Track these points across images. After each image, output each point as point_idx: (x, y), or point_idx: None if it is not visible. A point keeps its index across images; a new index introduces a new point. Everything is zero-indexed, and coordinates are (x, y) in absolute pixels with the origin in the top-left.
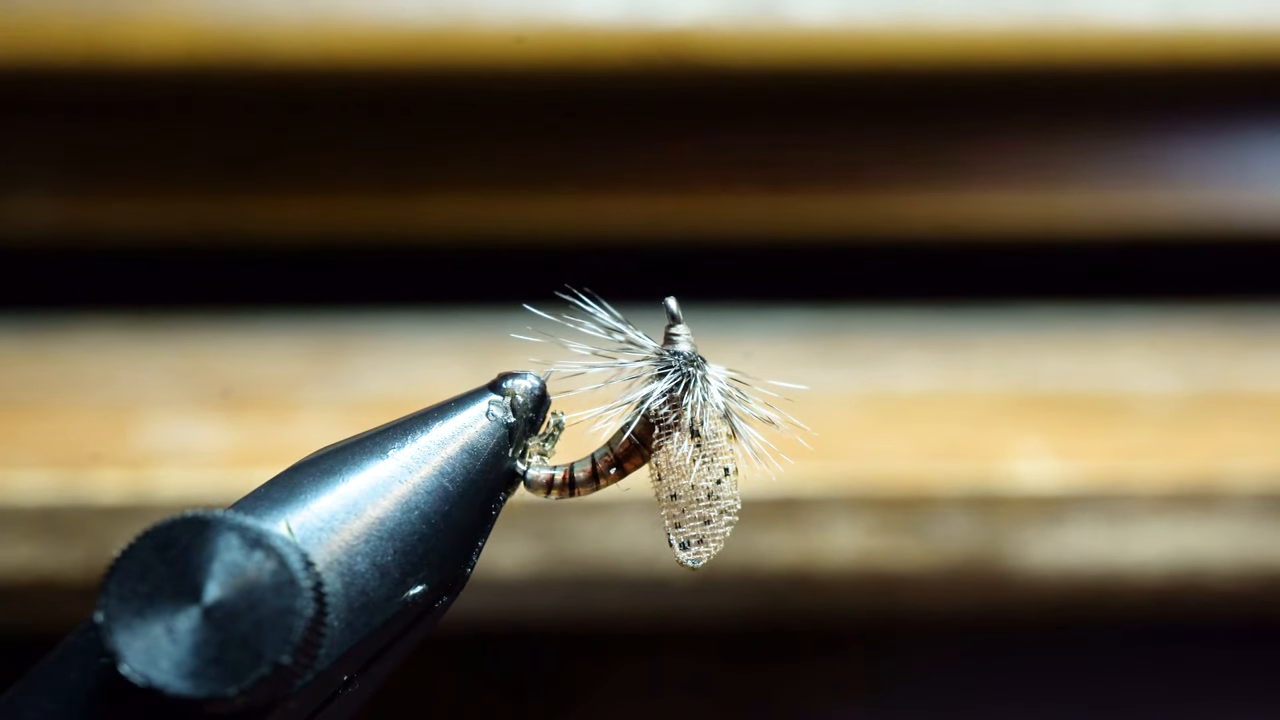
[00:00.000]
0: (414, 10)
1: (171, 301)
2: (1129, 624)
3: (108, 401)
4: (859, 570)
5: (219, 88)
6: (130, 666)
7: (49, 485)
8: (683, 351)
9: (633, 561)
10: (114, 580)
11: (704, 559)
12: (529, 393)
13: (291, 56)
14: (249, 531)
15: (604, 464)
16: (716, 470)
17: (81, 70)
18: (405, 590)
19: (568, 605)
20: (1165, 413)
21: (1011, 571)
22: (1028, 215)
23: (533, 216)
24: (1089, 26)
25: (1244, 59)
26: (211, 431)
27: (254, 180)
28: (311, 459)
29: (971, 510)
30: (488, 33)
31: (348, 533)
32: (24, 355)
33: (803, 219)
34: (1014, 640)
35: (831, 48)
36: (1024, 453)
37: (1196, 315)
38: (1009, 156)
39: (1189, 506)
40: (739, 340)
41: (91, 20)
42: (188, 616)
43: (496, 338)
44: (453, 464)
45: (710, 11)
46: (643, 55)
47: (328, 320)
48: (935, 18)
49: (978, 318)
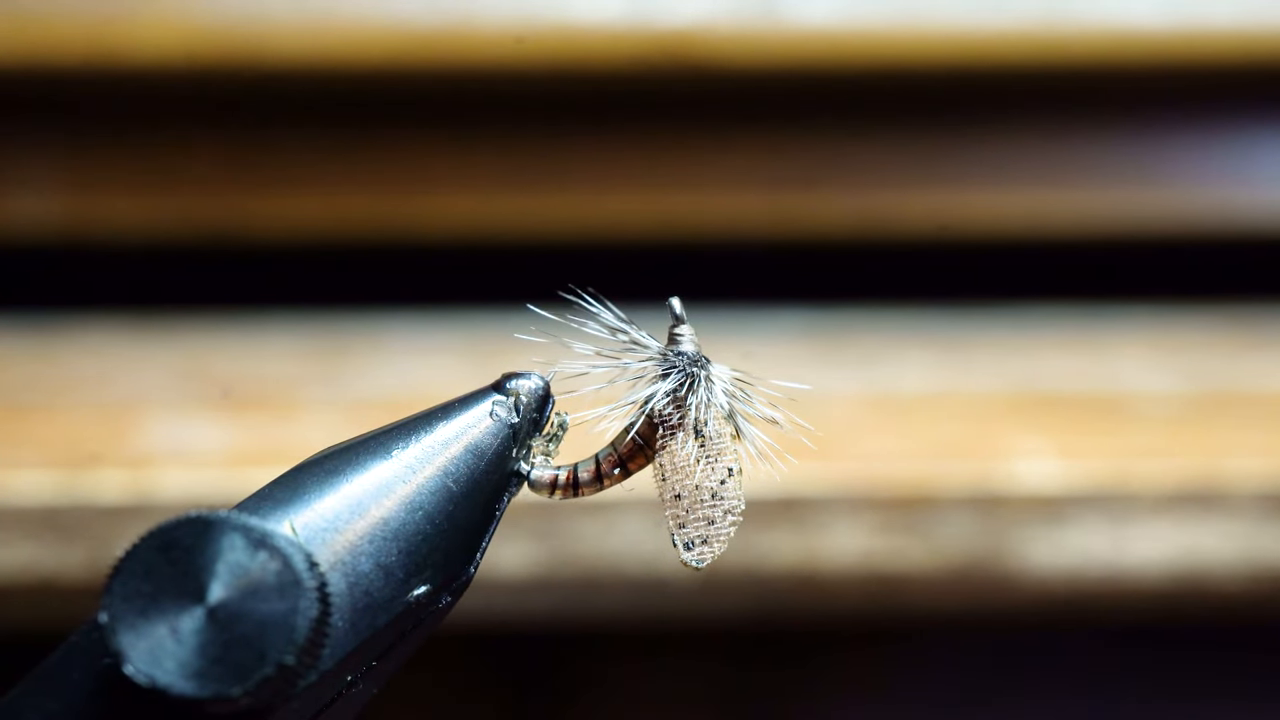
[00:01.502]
0: (414, 10)
1: (171, 301)
2: (1130, 624)
3: (108, 401)
4: (861, 570)
5: (219, 88)
6: (134, 667)
7: (49, 485)
8: (687, 351)
9: (635, 562)
10: (118, 580)
11: (708, 559)
12: (533, 393)
13: (291, 56)
14: (253, 532)
15: (608, 464)
16: (720, 470)
17: (81, 70)
18: (409, 590)
19: (569, 605)
20: (1166, 413)
21: (1013, 571)
22: (1028, 215)
23: (533, 216)
24: (1089, 26)
25: (1244, 59)
26: (212, 431)
27: (254, 180)
28: (315, 459)
29: (973, 510)
30: (488, 33)
31: (351, 533)
32: (24, 355)
33: (803, 219)
34: (1015, 640)
35: (831, 48)
36: (1025, 453)
37: (1196, 315)
38: (1009, 156)
39: (1190, 506)
40: (740, 340)
41: (91, 20)
42: (192, 617)
43: (499, 338)
44: (456, 464)
45: (710, 11)
46: (643, 55)
47: (328, 320)
48: (935, 18)
49: (978, 318)
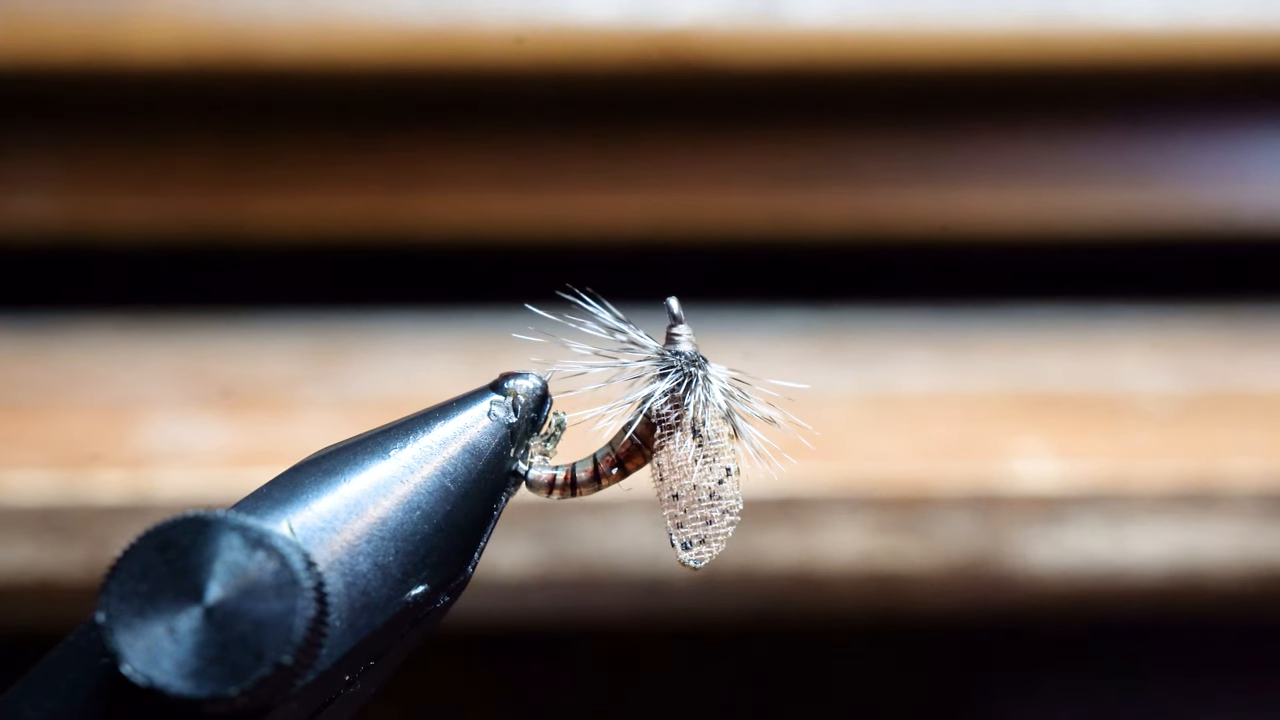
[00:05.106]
0: (414, 10)
1: (171, 301)
2: (1129, 624)
3: (108, 401)
4: (860, 570)
5: (218, 88)
6: (132, 666)
7: (49, 485)
8: (684, 351)
9: (634, 562)
10: (115, 580)
11: (706, 559)
12: (531, 393)
13: (291, 56)
14: (251, 531)
15: (606, 464)
16: (718, 470)
17: (81, 70)
18: (407, 590)
19: (568, 605)
20: (1165, 413)
21: (1012, 571)
22: (1028, 215)
23: (532, 216)
24: (1089, 26)
25: (1243, 59)
26: (211, 431)
27: (253, 180)
28: (313, 459)
29: (972, 510)
30: (488, 33)
31: (349, 533)
32: (24, 355)
33: (803, 219)
34: (1015, 640)
35: (831, 48)
36: (1024, 453)
37: (1196, 315)
38: (1009, 156)
39: (1189, 506)
40: (739, 340)
41: (91, 20)
42: (189, 616)
43: (497, 338)
44: (454, 464)
45: (710, 11)
46: (643, 55)
47: (328, 320)
48: (935, 18)
49: (978, 318)
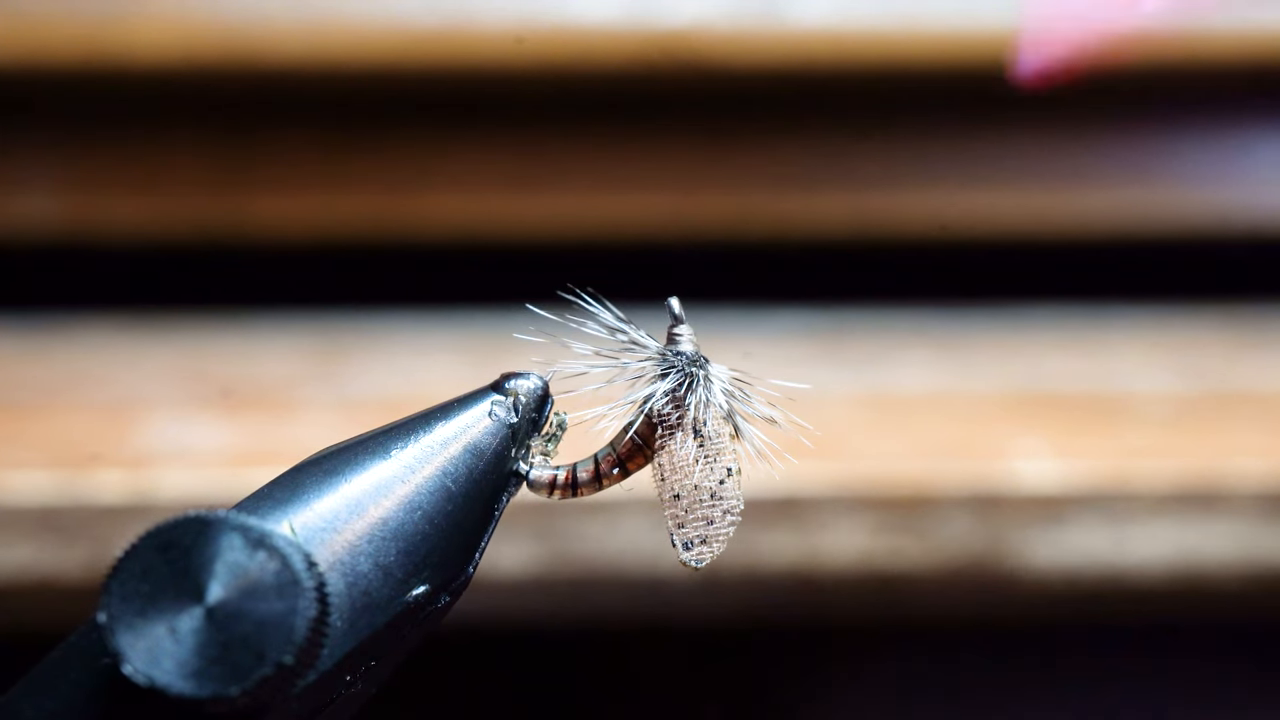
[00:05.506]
0: (414, 10)
1: (171, 301)
2: (1130, 624)
3: (108, 401)
4: (860, 570)
5: (219, 88)
6: (133, 666)
7: (49, 485)
8: (685, 351)
9: (635, 562)
10: (116, 580)
11: (707, 559)
12: (532, 393)
13: (290, 56)
14: (252, 531)
15: (607, 464)
16: (719, 470)
17: (81, 70)
18: (408, 590)
19: (569, 606)
20: (1165, 413)
21: (1012, 571)
22: (1028, 215)
23: (533, 216)
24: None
25: (1244, 59)
26: (211, 431)
27: (253, 180)
28: (314, 459)
29: (973, 510)
30: (488, 33)
31: (350, 533)
32: (24, 355)
33: (803, 219)
34: (1015, 640)
35: (831, 48)
36: (1025, 453)
37: (1196, 315)
38: (1009, 156)
39: (1190, 506)
40: (739, 340)
41: (91, 21)
42: (190, 616)
43: (498, 338)
44: (455, 464)
45: (710, 11)
46: (643, 55)
47: (328, 320)
48: (935, 18)
49: (978, 318)
